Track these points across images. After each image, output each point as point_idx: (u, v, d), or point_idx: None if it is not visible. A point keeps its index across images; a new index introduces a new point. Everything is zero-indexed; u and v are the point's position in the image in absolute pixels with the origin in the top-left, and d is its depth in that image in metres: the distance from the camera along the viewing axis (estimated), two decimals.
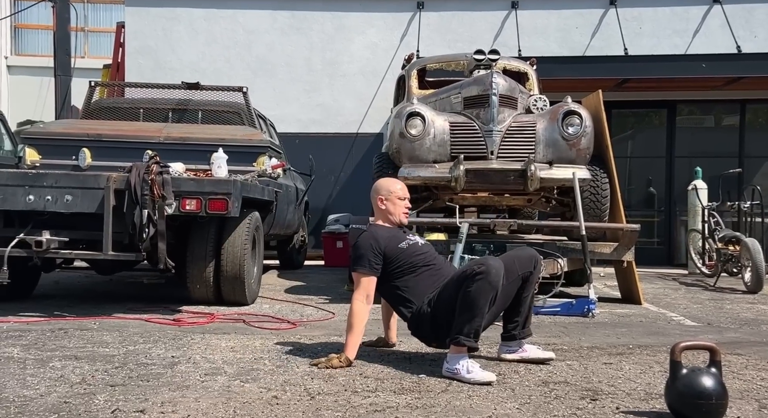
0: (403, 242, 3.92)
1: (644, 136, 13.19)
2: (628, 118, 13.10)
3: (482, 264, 3.54)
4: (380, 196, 4.05)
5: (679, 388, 2.91)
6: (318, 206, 11.79)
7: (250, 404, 3.02)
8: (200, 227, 5.82)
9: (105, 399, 3.06)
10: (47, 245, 5.20)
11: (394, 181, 4.21)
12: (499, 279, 3.53)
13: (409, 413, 2.92)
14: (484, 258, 3.67)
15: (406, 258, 3.87)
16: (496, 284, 3.51)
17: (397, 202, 4.04)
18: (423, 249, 3.99)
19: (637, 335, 5.00)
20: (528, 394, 3.29)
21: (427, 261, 3.92)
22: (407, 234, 4.07)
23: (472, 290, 3.49)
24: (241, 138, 6.80)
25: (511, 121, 6.67)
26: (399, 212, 4.03)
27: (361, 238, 3.92)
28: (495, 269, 3.52)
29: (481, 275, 3.49)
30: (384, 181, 4.20)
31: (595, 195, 6.84)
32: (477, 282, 3.49)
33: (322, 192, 11.76)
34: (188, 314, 5.51)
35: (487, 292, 3.49)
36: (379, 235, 3.90)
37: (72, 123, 7.58)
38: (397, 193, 4.04)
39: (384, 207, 4.04)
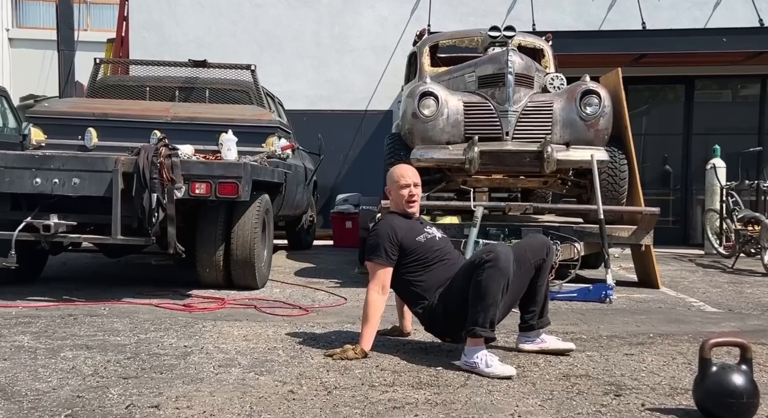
0: (420, 235, 3.80)
1: (661, 112, 12.98)
2: (645, 94, 12.87)
3: (491, 251, 3.44)
4: (387, 187, 3.96)
5: (708, 386, 2.81)
6: (327, 185, 11.67)
7: (266, 399, 2.94)
8: (210, 210, 5.71)
9: (118, 393, 2.97)
10: (55, 229, 5.12)
11: (399, 169, 4.00)
12: (509, 265, 3.42)
13: (429, 410, 2.83)
14: (493, 245, 3.58)
15: (422, 252, 3.75)
16: (507, 270, 3.41)
17: (399, 193, 3.89)
18: (440, 244, 3.86)
19: (657, 323, 4.90)
20: (550, 389, 3.19)
21: (443, 256, 3.80)
22: (425, 226, 3.94)
23: (483, 279, 3.39)
24: (250, 118, 6.67)
25: (527, 101, 6.52)
26: (401, 202, 3.89)
27: (379, 226, 3.80)
28: (504, 254, 3.41)
29: (491, 262, 3.38)
30: (392, 170, 4.02)
31: (613, 177, 6.70)
32: (487, 270, 3.38)
33: (330, 171, 11.62)
34: (198, 299, 5.43)
35: (498, 279, 3.38)
36: (397, 225, 3.78)
37: (78, 102, 7.47)
38: (398, 183, 3.88)
39: (391, 198, 3.94)
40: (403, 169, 3.98)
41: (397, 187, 3.88)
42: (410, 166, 4.10)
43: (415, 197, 3.90)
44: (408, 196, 3.87)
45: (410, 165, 4.24)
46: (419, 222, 3.94)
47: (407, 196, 3.87)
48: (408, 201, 3.88)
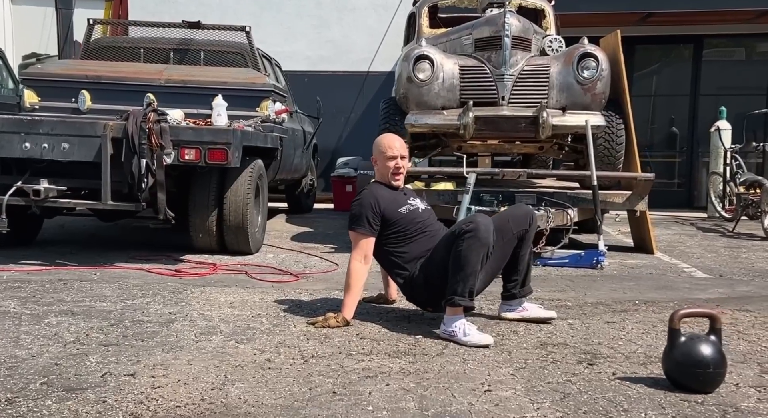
0: (403, 207, 3.78)
1: (668, 73, 12.80)
2: (652, 54, 12.67)
3: (470, 222, 3.44)
4: (373, 156, 3.90)
5: (676, 356, 2.83)
6: (328, 148, 11.62)
7: (242, 367, 2.97)
8: (202, 176, 5.71)
9: (97, 361, 3.01)
10: (45, 193, 5.13)
11: (387, 139, 3.90)
12: (489, 235, 3.42)
13: (401, 379, 2.85)
14: (473, 215, 3.56)
15: (404, 224, 3.74)
16: (487, 240, 3.40)
17: (385, 164, 3.83)
18: (423, 215, 3.84)
19: (644, 290, 4.90)
20: (524, 357, 3.21)
21: (425, 228, 3.79)
22: (408, 197, 3.90)
23: (463, 249, 3.39)
24: (244, 82, 6.63)
25: (524, 65, 6.44)
26: (387, 174, 3.83)
27: (362, 196, 3.78)
28: (484, 225, 3.41)
29: (470, 232, 3.38)
30: (379, 138, 3.95)
31: (609, 142, 6.63)
32: (467, 240, 3.38)
33: (331, 133, 11.57)
34: (191, 264, 5.46)
35: (477, 249, 3.38)
36: (380, 195, 3.76)
37: (71, 64, 7.42)
38: (385, 154, 3.81)
39: (377, 168, 3.90)
40: (391, 139, 3.90)
41: (384, 158, 3.83)
42: (398, 137, 4.00)
43: (401, 170, 3.85)
44: (394, 168, 3.82)
45: (398, 135, 4.15)
46: (403, 193, 3.92)
47: (393, 168, 3.82)
48: (394, 173, 3.83)
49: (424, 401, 2.62)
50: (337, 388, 2.73)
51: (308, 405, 2.55)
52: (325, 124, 9.61)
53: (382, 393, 2.69)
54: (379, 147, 3.87)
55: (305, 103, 9.19)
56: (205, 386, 2.73)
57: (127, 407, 2.48)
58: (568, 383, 2.86)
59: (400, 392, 2.70)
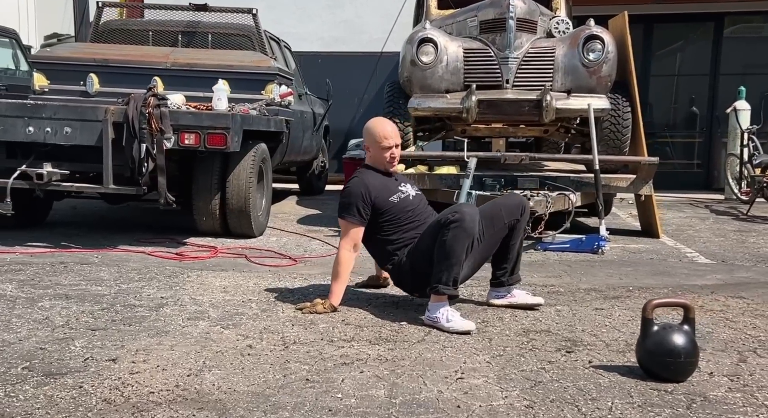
0: (394, 195, 3.77)
1: (688, 52, 12.61)
2: (672, 32, 12.47)
3: (456, 212, 3.45)
4: (366, 143, 3.87)
5: (648, 345, 2.85)
6: (341, 129, 11.62)
7: (222, 353, 3.02)
8: (205, 159, 5.77)
9: (82, 345, 3.08)
10: (48, 177, 5.22)
11: (382, 126, 3.82)
12: (475, 225, 3.43)
13: (377, 367, 2.89)
14: (459, 205, 3.56)
15: (395, 213, 3.74)
16: (472, 230, 3.41)
17: (380, 154, 3.79)
18: (413, 203, 3.82)
19: (641, 275, 4.88)
20: (504, 345, 3.23)
21: (415, 216, 3.77)
22: (400, 183, 3.89)
23: (448, 239, 3.40)
24: (249, 65, 6.66)
25: (528, 47, 6.40)
26: (384, 162, 3.81)
27: (352, 184, 3.77)
28: (469, 215, 3.42)
29: (456, 222, 3.39)
30: (372, 125, 3.86)
31: (615, 125, 6.58)
32: (452, 230, 3.39)
33: (344, 115, 11.56)
34: (193, 248, 5.54)
35: (462, 239, 3.40)
36: (371, 183, 3.75)
37: (79, 47, 7.50)
38: (380, 144, 3.76)
39: (370, 154, 3.88)
40: (386, 128, 3.81)
41: (379, 148, 3.78)
42: (390, 123, 3.94)
43: (397, 158, 3.84)
44: (390, 157, 3.80)
45: (401, 118, 4.10)
46: (394, 179, 3.91)
47: (389, 157, 3.80)
48: (390, 162, 3.81)
49: (394, 388, 2.66)
50: (311, 375, 2.78)
51: (279, 392, 2.59)
52: (337, 105, 9.62)
53: (355, 380, 2.73)
54: (373, 136, 3.81)
55: (319, 85, 9.20)
56: (182, 372, 2.78)
57: (102, 393, 2.54)
58: (541, 371, 2.88)
59: (373, 380, 2.74)
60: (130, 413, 2.38)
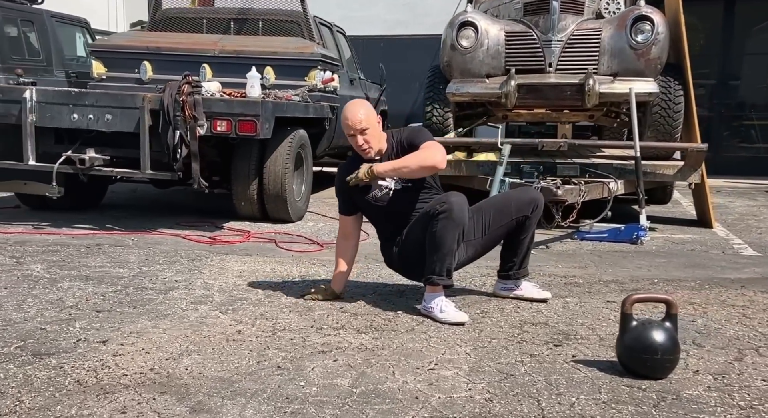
0: (371, 193, 3.59)
1: None
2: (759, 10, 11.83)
3: (444, 202, 3.37)
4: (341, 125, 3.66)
5: (626, 341, 2.77)
6: (401, 114, 11.59)
7: (209, 338, 3.09)
8: (243, 145, 5.88)
9: (81, 326, 3.21)
10: (90, 162, 5.43)
11: (348, 111, 3.49)
12: (463, 215, 3.37)
13: (353, 355, 2.91)
14: (447, 195, 3.44)
15: (371, 210, 3.69)
16: (460, 220, 3.35)
17: (350, 139, 3.53)
18: (394, 197, 3.59)
19: (672, 268, 4.71)
20: (492, 337, 3.19)
21: (395, 210, 3.62)
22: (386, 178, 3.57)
23: (438, 229, 3.36)
24: (293, 51, 6.74)
25: (573, 29, 6.24)
26: (357, 149, 3.54)
27: (336, 175, 3.73)
28: (458, 205, 3.35)
29: (444, 213, 3.33)
30: (345, 108, 3.54)
31: (666, 110, 6.34)
32: (441, 221, 3.35)
33: (406, 99, 11.52)
34: (227, 232, 5.67)
35: (452, 229, 3.35)
36: (345, 176, 3.60)
37: (135, 35, 7.74)
38: (346, 131, 3.52)
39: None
40: (349, 113, 3.48)
41: (347, 135, 3.55)
42: (361, 108, 3.51)
43: (365, 146, 3.49)
44: (357, 146, 3.52)
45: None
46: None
47: (356, 146, 3.53)
48: (359, 149, 3.54)
49: (361, 378, 2.67)
50: (284, 362, 2.82)
51: (245, 379, 2.64)
52: (398, 89, 9.60)
53: (325, 369, 2.76)
54: (343, 120, 3.52)
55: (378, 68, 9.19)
56: (162, 355, 2.87)
57: (78, 374, 2.65)
58: (517, 365, 2.84)
59: (343, 368, 2.76)
60: (95, 394, 2.47)
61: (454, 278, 3.69)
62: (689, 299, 3.91)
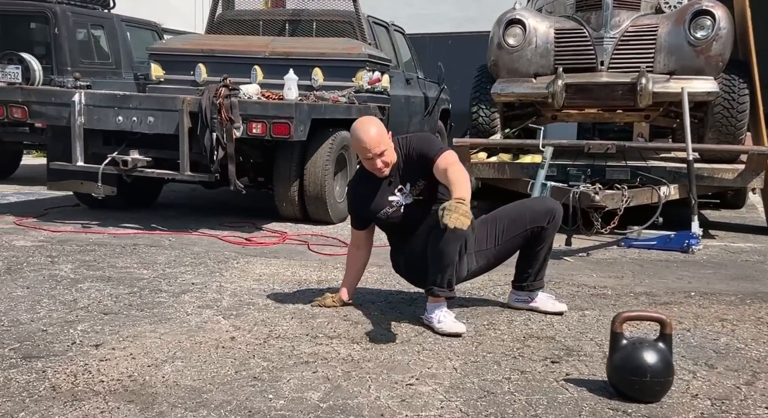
0: (382, 210, 3.47)
1: None
2: None
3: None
4: (351, 148, 3.65)
5: (615, 362, 2.61)
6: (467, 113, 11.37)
7: (199, 345, 3.08)
8: (285, 147, 5.89)
9: (82, 329, 3.25)
10: (132, 163, 5.55)
11: (363, 134, 3.33)
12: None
13: (335, 367, 2.83)
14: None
15: (382, 226, 3.61)
16: (462, 232, 3.22)
17: (365, 163, 3.43)
18: (406, 212, 3.47)
19: (716, 280, 4.43)
20: (489, 351, 3.05)
21: (407, 224, 3.49)
22: (396, 188, 3.47)
23: (439, 241, 3.24)
24: (341, 52, 6.71)
25: (628, 25, 5.96)
26: (373, 170, 3.42)
27: (347, 190, 3.71)
28: None
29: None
30: (354, 130, 3.39)
31: (728, 110, 5.97)
32: (443, 232, 3.22)
33: None
34: (265, 233, 5.69)
35: (453, 241, 3.21)
36: (358, 194, 3.56)
37: (190, 39, 7.89)
38: (363, 155, 3.37)
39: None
40: (367, 135, 3.31)
41: (363, 158, 3.40)
42: (376, 128, 3.35)
43: (384, 169, 3.37)
44: (375, 168, 3.38)
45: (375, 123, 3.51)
46: (392, 183, 3.48)
47: (372, 167, 3.39)
48: (375, 171, 3.40)
49: (333, 392, 2.59)
50: (263, 373, 2.77)
51: (216, 389, 2.61)
52: (465, 87, 9.40)
53: (300, 381, 2.69)
54: (355, 143, 3.42)
55: (447, 66, 9.06)
56: (147, 361, 2.87)
57: (56, 380, 2.67)
58: (503, 382, 2.70)
59: (319, 381, 2.69)
60: (63, 401, 2.49)
61: (468, 286, 3.58)
62: (721, 315, 3.65)
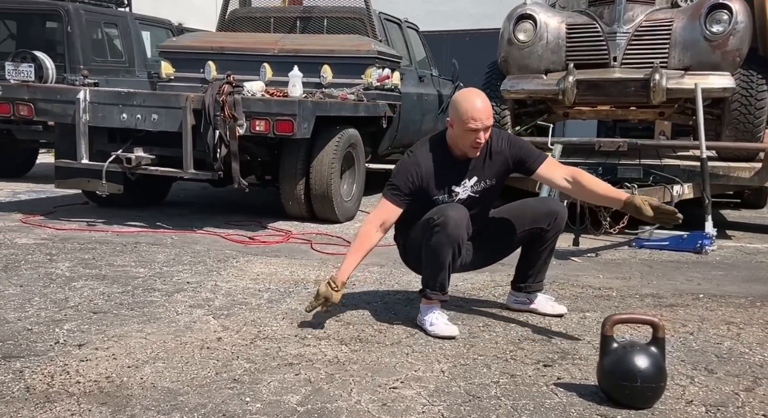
0: (443, 194, 3.26)
1: None
2: None
3: (441, 215, 3.09)
4: (450, 117, 3.24)
5: (605, 366, 2.50)
6: None
7: (183, 346, 3.00)
8: (291, 144, 5.82)
9: (68, 329, 3.19)
10: (136, 161, 5.51)
11: (472, 103, 3.14)
12: (459, 232, 3.10)
13: (319, 369, 2.75)
14: (445, 207, 3.14)
15: (421, 209, 3.26)
16: (456, 236, 3.09)
17: (463, 135, 3.17)
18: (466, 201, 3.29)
19: (727, 281, 4.28)
20: (481, 353, 2.96)
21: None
22: (465, 177, 3.28)
23: (432, 243, 3.13)
24: (350, 49, 6.62)
25: (642, 20, 5.81)
26: (466, 145, 3.18)
27: (405, 161, 3.29)
28: (454, 220, 3.08)
29: (438, 226, 3.08)
30: (461, 99, 3.20)
31: (746, 107, 5.80)
32: (435, 235, 3.10)
33: None
34: (269, 232, 5.62)
35: (444, 245, 3.10)
36: (425, 168, 3.24)
37: (200, 36, 7.84)
38: (466, 125, 3.12)
39: (451, 132, 3.26)
40: (474, 105, 3.14)
41: (464, 129, 3.15)
42: (484, 101, 3.19)
43: (481, 142, 3.18)
44: (474, 142, 3.17)
45: (483, 95, 3.22)
46: (465, 166, 3.28)
47: (473, 142, 3.17)
48: (473, 146, 3.20)
49: (313, 395, 2.51)
50: (244, 375, 2.69)
51: (193, 391, 2.53)
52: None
53: (281, 383, 2.61)
54: (458, 112, 3.16)
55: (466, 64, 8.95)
56: (128, 362, 2.81)
57: (32, 380, 2.61)
58: (490, 386, 2.60)
59: (300, 384, 2.61)
60: (35, 403, 2.42)
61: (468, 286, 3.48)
62: (728, 318, 3.51)
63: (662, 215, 3.01)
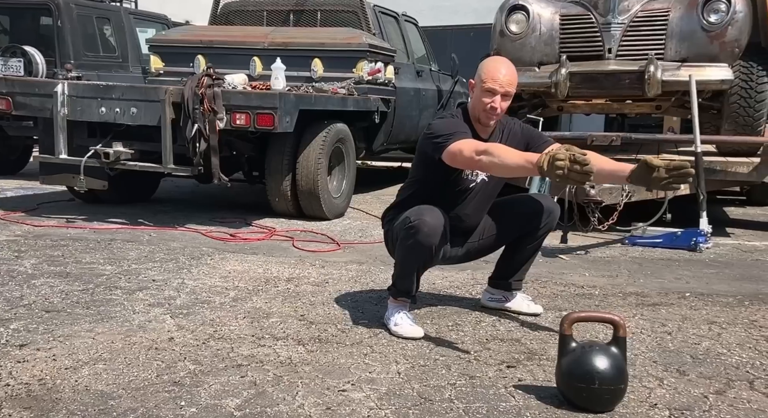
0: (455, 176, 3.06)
1: None
2: None
3: (417, 218, 2.89)
4: (472, 79, 3.06)
5: (562, 367, 2.34)
6: None
7: (131, 346, 2.86)
8: (277, 140, 5.67)
9: (15, 328, 3.04)
10: (115, 156, 5.37)
11: (494, 65, 2.97)
12: (431, 240, 2.90)
13: (268, 371, 2.59)
14: (421, 210, 2.93)
15: (447, 184, 3.08)
16: (427, 243, 2.90)
17: (480, 97, 2.94)
18: (476, 188, 3.13)
19: (717, 280, 4.09)
20: (443, 354, 2.81)
21: (459, 201, 3.14)
22: None
23: (404, 245, 2.96)
24: (341, 42, 6.46)
25: (638, 10, 5.61)
26: (481, 110, 2.96)
27: (446, 120, 3.06)
28: (428, 226, 2.88)
29: (413, 229, 2.89)
30: (486, 61, 3.04)
31: (746, 100, 5.58)
32: (408, 237, 2.92)
33: None
34: (253, 229, 5.47)
35: (416, 250, 2.93)
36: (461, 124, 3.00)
37: (190, 30, 7.73)
38: (484, 84, 2.91)
39: (471, 97, 3.07)
40: (497, 68, 2.94)
41: (481, 89, 2.93)
42: (509, 68, 2.96)
43: (497, 111, 2.94)
44: (488, 106, 2.92)
45: (511, 64, 2.98)
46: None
47: (486, 106, 2.92)
48: (486, 111, 2.94)
49: (255, 399, 2.35)
50: (186, 377, 2.54)
51: (126, 395, 2.38)
52: None
53: (223, 386, 2.46)
54: (480, 71, 2.97)
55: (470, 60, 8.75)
56: (67, 364, 2.66)
57: None
58: (446, 388, 2.45)
59: (243, 387, 2.45)
60: None
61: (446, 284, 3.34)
62: (712, 318, 3.33)
63: (673, 171, 2.56)
